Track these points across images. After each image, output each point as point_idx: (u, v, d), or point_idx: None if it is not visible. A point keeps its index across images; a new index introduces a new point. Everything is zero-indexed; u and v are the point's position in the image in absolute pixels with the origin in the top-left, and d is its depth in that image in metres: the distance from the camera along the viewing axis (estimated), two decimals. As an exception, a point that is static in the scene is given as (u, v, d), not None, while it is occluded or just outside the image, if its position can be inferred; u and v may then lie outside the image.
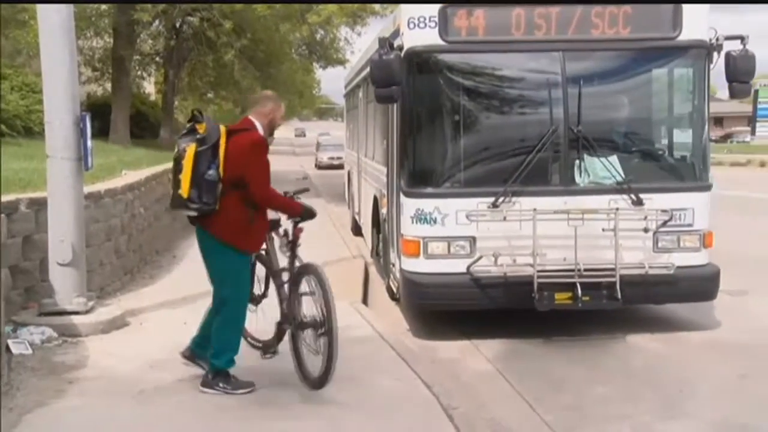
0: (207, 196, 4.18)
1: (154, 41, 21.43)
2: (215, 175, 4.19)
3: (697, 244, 5.87)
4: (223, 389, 4.38)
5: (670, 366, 5.33)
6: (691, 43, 5.79)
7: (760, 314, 6.63)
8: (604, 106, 6.11)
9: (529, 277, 5.42)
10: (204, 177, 4.15)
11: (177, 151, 4.22)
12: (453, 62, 5.89)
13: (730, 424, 4.26)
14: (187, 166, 4.15)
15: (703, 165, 6.05)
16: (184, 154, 4.17)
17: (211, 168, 4.18)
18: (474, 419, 4.14)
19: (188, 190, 4.15)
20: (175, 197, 4.24)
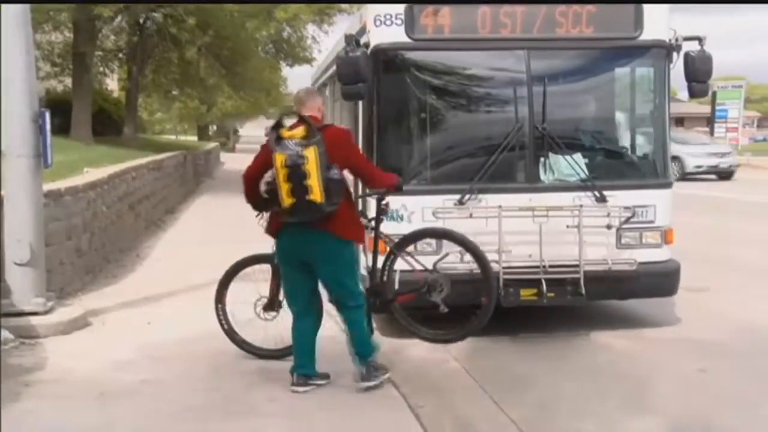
0: (335, 196, 4.21)
1: (116, 37, 21.00)
2: (338, 173, 4.22)
3: (658, 241, 5.97)
4: (381, 377, 4.52)
5: (632, 362, 5.40)
6: (652, 43, 5.89)
7: (719, 311, 6.77)
8: (568, 105, 6.18)
9: (495, 273, 5.45)
10: (330, 178, 4.16)
11: (288, 158, 4.10)
12: (419, 60, 5.89)
13: (691, 419, 4.34)
14: (314, 170, 4.10)
15: (664, 163, 6.16)
16: (302, 160, 4.10)
17: (331, 168, 4.18)
18: (441, 418, 4.14)
19: (321, 194, 4.13)
20: (303, 205, 4.15)
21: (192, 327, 5.88)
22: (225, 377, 4.72)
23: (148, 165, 12.20)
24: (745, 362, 5.34)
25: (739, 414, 4.37)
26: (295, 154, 4.12)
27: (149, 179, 12.15)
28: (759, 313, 6.67)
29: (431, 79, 5.93)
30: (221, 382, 4.63)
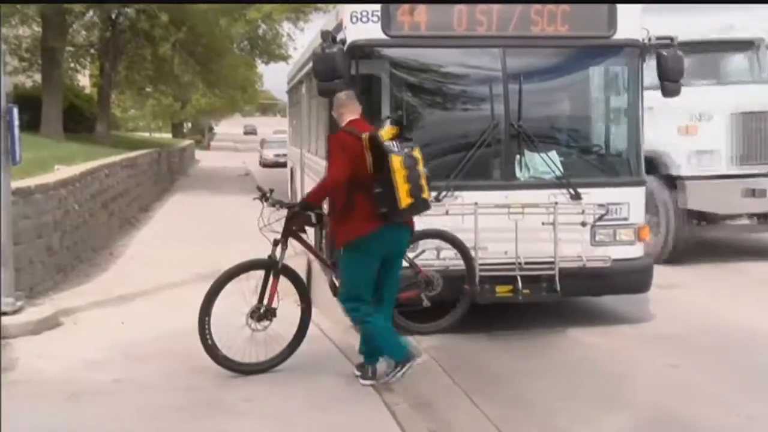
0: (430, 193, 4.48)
1: (88, 32, 20.65)
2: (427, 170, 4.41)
3: (632, 238, 6.04)
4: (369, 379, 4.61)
5: (606, 358, 5.46)
6: (625, 42, 5.95)
7: (690, 307, 6.87)
8: (543, 102, 6.21)
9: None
10: (428, 175, 4.40)
11: (405, 159, 4.22)
12: (395, 57, 5.89)
13: (663, 413, 4.39)
14: (422, 169, 4.31)
15: (638, 161, 6.22)
16: (415, 160, 4.27)
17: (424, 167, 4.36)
18: (416, 414, 4.15)
19: (429, 192, 4.44)
20: (420, 204, 4.36)
21: (167, 326, 5.80)
22: (201, 376, 4.67)
23: (122, 162, 12.04)
24: (716, 357, 5.43)
25: (709, 408, 4.44)
26: (408, 155, 4.24)
27: (123, 177, 11.99)
28: (729, 309, 6.78)
29: (407, 76, 5.94)
30: (197, 382, 4.58)
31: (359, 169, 4.28)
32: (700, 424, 4.21)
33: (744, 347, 5.66)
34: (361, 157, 4.28)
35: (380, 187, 4.25)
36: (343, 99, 4.61)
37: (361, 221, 4.37)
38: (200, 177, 24.17)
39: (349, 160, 4.30)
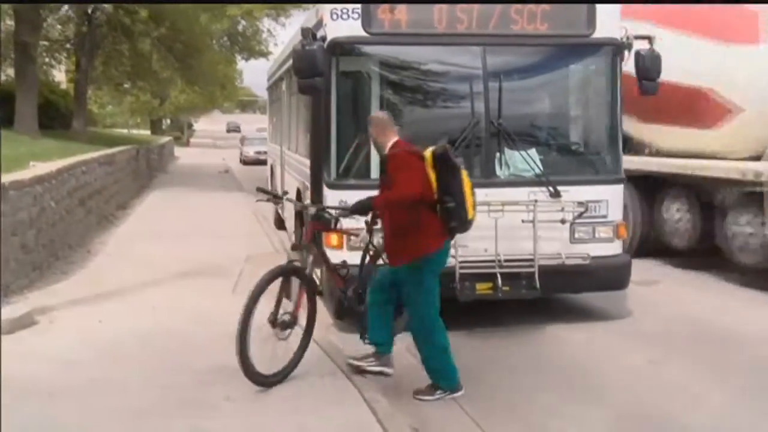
0: None
1: (63, 27, 20.34)
2: None
3: (611, 235, 6.09)
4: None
5: (584, 353, 5.51)
6: (604, 41, 6.00)
7: (667, 303, 6.95)
8: (523, 100, 6.24)
9: (451, 267, 5.47)
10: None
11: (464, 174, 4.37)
12: (376, 54, 5.88)
13: (641, 409, 4.44)
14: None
15: (616, 158, 6.27)
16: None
17: None
18: (396, 412, 4.15)
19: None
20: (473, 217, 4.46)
21: (146, 324, 5.76)
22: (180, 375, 4.63)
23: (99, 159, 11.89)
24: (693, 353, 5.50)
25: (686, 404, 4.49)
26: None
27: (100, 173, 11.85)
28: (706, 305, 6.88)
29: (388, 73, 5.93)
30: (176, 381, 4.54)
31: (425, 187, 4.33)
32: (676, 419, 4.26)
33: (720, 343, 5.74)
34: (426, 175, 4.34)
35: (452, 201, 4.32)
36: (384, 119, 4.64)
37: (427, 238, 4.38)
38: (180, 174, 23.98)
39: (419, 177, 4.32)
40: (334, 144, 5.84)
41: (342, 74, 5.75)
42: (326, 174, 5.90)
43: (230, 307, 6.35)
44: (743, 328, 6.12)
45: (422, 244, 4.36)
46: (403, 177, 4.29)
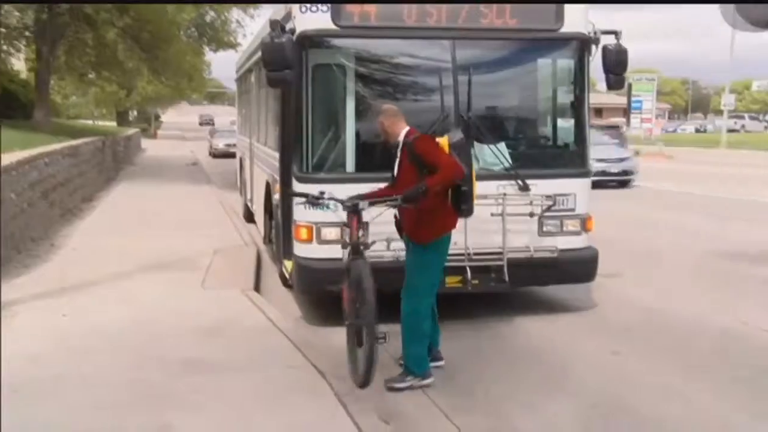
0: None
1: (21, 14, 19.74)
2: None
3: (578, 228, 6.17)
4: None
5: (551, 345, 5.58)
6: (572, 36, 6.06)
7: (632, 295, 7.08)
8: (492, 94, 6.28)
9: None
10: None
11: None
12: (345, 47, 5.85)
13: (605, 399, 4.52)
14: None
15: (584, 152, 6.35)
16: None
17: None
18: (367, 404, 4.16)
19: None
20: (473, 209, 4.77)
21: (112, 318, 5.68)
22: (147, 369, 4.59)
23: (63, 151, 11.65)
24: (655, 344, 5.61)
25: (649, 393, 4.59)
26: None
27: (65, 165, 11.62)
28: (668, 296, 7.02)
29: (357, 66, 5.90)
30: (143, 374, 4.49)
31: None
32: (640, 408, 4.35)
33: (683, 333, 5.87)
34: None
35: (466, 185, 4.58)
36: (395, 109, 4.84)
37: (445, 219, 4.66)
38: (147, 166, 23.64)
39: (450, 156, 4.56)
40: (304, 137, 5.81)
41: (311, 67, 5.72)
42: (296, 167, 5.87)
43: (199, 300, 6.36)
44: (705, 318, 6.27)
45: (440, 224, 4.65)
46: (441, 156, 4.53)
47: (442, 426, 4.09)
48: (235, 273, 7.46)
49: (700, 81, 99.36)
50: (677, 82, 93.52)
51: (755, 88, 58.19)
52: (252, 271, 7.68)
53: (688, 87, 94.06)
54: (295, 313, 6.40)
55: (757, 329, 5.91)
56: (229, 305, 6.20)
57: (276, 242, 7.24)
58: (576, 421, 4.20)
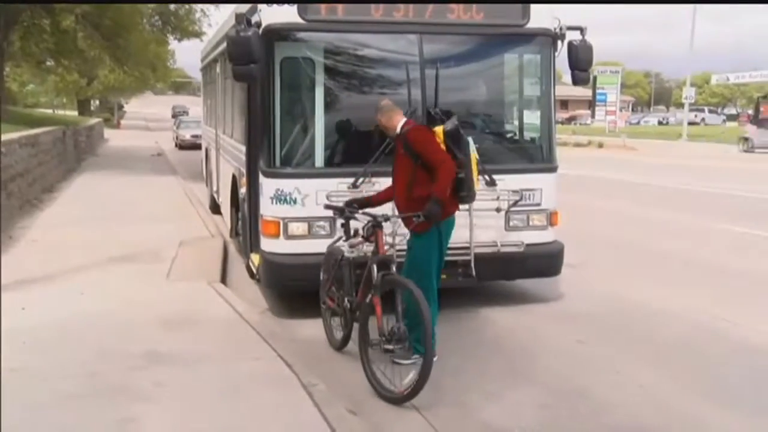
0: None
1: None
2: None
3: (544, 223, 6.24)
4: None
5: (517, 336, 5.66)
6: (538, 31, 6.10)
7: (596, 285, 7.20)
8: (459, 89, 6.28)
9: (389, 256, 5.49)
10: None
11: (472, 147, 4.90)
12: (312, 41, 5.80)
13: (569, 387, 4.61)
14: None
15: (550, 148, 6.41)
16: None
17: None
18: (333, 396, 4.17)
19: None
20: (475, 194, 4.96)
21: (73, 310, 5.59)
22: (107, 362, 4.52)
23: (21, 140, 11.36)
24: (618, 333, 5.73)
25: (611, 381, 4.69)
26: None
27: (23, 155, 11.34)
28: (631, 286, 7.16)
29: (324, 60, 5.85)
30: (103, 368, 4.43)
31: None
32: (602, 396, 4.44)
33: (645, 322, 6.00)
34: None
35: (462, 172, 4.73)
36: (389, 104, 4.98)
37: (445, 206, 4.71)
38: (110, 157, 23.21)
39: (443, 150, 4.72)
40: (270, 131, 5.76)
41: (278, 61, 5.66)
42: (263, 162, 5.83)
43: (164, 292, 6.28)
44: (668, 306, 6.41)
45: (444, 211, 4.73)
46: (434, 149, 4.68)
47: (408, 416, 4.13)
48: (201, 264, 7.39)
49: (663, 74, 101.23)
50: (640, 74, 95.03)
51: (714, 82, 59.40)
52: (218, 262, 7.62)
53: (651, 80, 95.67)
54: (262, 305, 6.37)
55: (717, 318, 6.06)
56: (195, 297, 6.14)
57: (243, 236, 7.18)
58: (539, 409, 4.28)
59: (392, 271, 4.56)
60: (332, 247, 5.30)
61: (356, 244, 4.87)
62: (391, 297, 4.45)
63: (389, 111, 4.92)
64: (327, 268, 5.32)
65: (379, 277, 4.56)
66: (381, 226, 4.71)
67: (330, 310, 5.29)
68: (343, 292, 5.05)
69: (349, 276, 4.97)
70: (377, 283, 4.55)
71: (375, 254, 4.68)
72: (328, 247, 5.38)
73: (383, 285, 4.52)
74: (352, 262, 4.98)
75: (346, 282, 4.99)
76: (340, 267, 5.07)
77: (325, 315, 5.40)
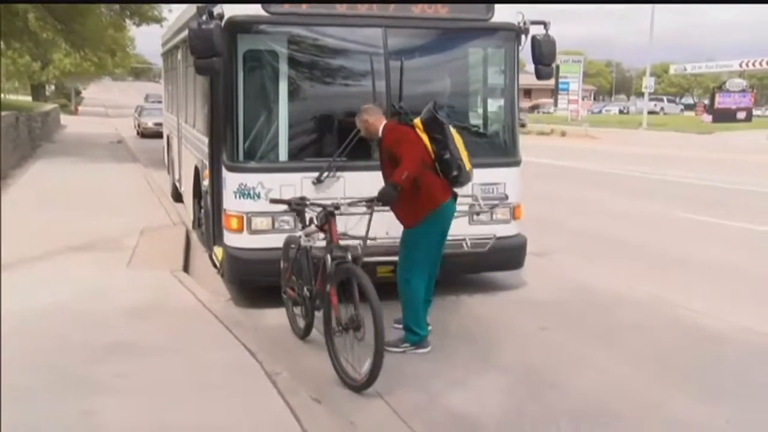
0: None
1: None
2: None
3: (508, 217, 6.28)
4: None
5: (482, 323, 5.72)
6: (502, 26, 6.11)
7: (559, 273, 7.31)
8: (423, 83, 6.22)
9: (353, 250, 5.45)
10: None
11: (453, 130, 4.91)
12: (275, 34, 5.70)
13: (531, 372, 4.68)
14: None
15: (514, 141, 6.45)
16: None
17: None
18: (297, 384, 4.16)
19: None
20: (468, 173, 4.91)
21: (30, 300, 5.46)
22: (67, 354, 4.43)
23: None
24: (580, 320, 5.83)
25: (574, 367, 4.77)
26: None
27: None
28: (593, 273, 7.28)
29: (288, 54, 5.76)
30: (62, 360, 4.34)
31: (423, 152, 4.76)
32: (565, 382, 4.52)
33: (607, 309, 6.12)
34: (421, 140, 4.78)
35: (448, 153, 4.76)
36: (375, 107, 5.07)
37: (430, 197, 4.80)
38: (67, 144, 22.65)
39: (416, 145, 4.72)
40: (234, 125, 5.68)
41: (240, 54, 5.57)
42: (226, 156, 5.75)
43: (125, 281, 6.18)
44: (631, 294, 6.54)
45: (425, 202, 4.80)
46: (405, 150, 4.67)
47: (372, 403, 4.15)
48: (163, 253, 7.28)
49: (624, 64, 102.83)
50: (602, 64, 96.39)
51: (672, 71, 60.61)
52: (181, 251, 7.52)
53: (612, 69, 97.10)
54: (225, 294, 6.31)
55: (678, 306, 6.19)
56: (157, 286, 6.05)
57: (206, 228, 7.08)
58: (504, 395, 4.33)
59: (347, 259, 4.53)
60: (290, 236, 5.29)
61: (311, 233, 4.83)
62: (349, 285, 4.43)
63: (375, 113, 4.98)
64: (286, 257, 5.30)
65: (332, 266, 4.55)
66: (333, 214, 4.70)
67: (291, 299, 5.27)
68: (302, 281, 5.02)
69: (307, 265, 4.95)
70: (331, 272, 4.54)
71: (329, 243, 4.66)
72: (287, 236, 5.35)
73: (338, 274, 4.51)
74: (309, 251, 4.96)
75: (305, 271, 4.97)
76: (298, 256, 5.05)
77: (288, 304, 5.39)
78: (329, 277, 4.56)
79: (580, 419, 3.97)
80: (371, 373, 4.15)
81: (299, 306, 5.15)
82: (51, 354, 4.43)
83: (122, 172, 14.67)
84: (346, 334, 4.41)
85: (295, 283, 5.15)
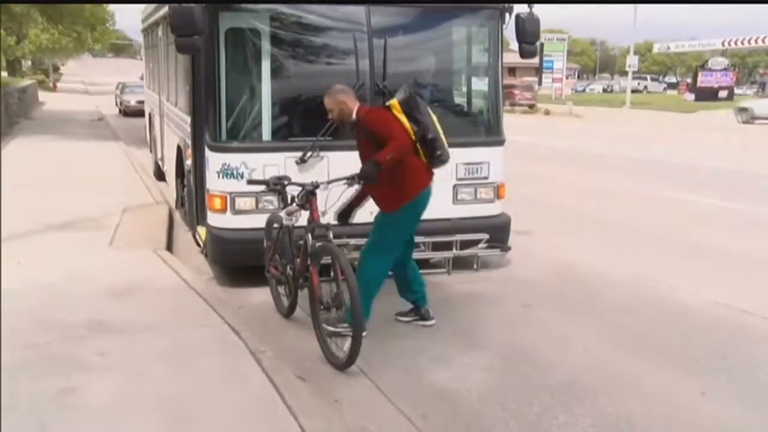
0: None
1: None
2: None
3: (491, 196, 6.30)
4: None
5: (466, 300, 5.76)
6: (486, 4, 6.07)
7: (543, 252, 7.35)
8: (407, 62, 6.17)
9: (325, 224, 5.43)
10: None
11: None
12: (258, 11, 5.63)
13: (514, 349, 4.73)
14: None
15: (497, 121, 6.44)
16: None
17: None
18: (281, 362, 4.18)
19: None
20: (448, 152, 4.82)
21: (10, 280, 5.39)
22: (49, 332, 4.41)
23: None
24: (561, 296, 5.89)
25: (556, 344, 4.83)
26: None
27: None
28: (573, 251, 7.34)
29: (271, 32, 5.69)
30: (42, 338, 4.31)
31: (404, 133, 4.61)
32: (547, 357, 4.58)
33: (589, 287, 6.17)
34: (401, 122, 4.61)
35: (432, 133, 4.65)
36: (342, 88, 4.78)
37: (415, 181, 4.71)
38: (46, 121, 22.33)
39: (399, 126, 4.58)
40: (216, 104, 5.62)
41: (223, 32, 5.49)
42: (208, 136, 5.70)
43: (107, 260, 6.13)
44: (612, 272, 6.60)
45: (410, 186, 4.71)
46: (390, 128, 4.55)
47: (356, 381, 4.17)
48: (145, 232, 7.23)
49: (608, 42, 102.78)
50: (586, 42, 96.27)
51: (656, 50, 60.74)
52: (164, 230, 7.47)
53: (596, 48, 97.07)
54: (209, 273, 6.29)
55: (660, 283, 6.26)
56: (140, 265, 6.02)
57: (189, 208, 7.03)
58: (486, 371, 4.37)
59: (329, 237, 4.53)
60: (272, 215, 5.27)
61: (293, 212, 4.82)
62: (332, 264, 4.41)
63: (346, 94, 4.72)
64: (269, 236, 5.29)
65: (313, 244, 4.54)
66: (314, 193, 4.68)
67: (275, 278, 5.27)
68: (285, 260, 5.02)
69: (290, 244, 4.94)
70: (312, 251, 4.54)
71: (310, 222, 4.65)
72: (269, 215, 5.33)
73: (319, 252, 4.50)
74: (291, 229, 4.95)
75: (287, 250, 4.97)
76: (281, 235, 5.03)
77: (271, 283, 5.38)
78: (311, 256, 4.55)
79: (562, 395, 4.03)
80: (351, 351, 4.17)
81: (283, 285, 5.15)
82: (31, 333, 4.40)
83: (103, 150, 14.51)
84: (329, 313, 4.41)
85: (278, 262, 5.14)
